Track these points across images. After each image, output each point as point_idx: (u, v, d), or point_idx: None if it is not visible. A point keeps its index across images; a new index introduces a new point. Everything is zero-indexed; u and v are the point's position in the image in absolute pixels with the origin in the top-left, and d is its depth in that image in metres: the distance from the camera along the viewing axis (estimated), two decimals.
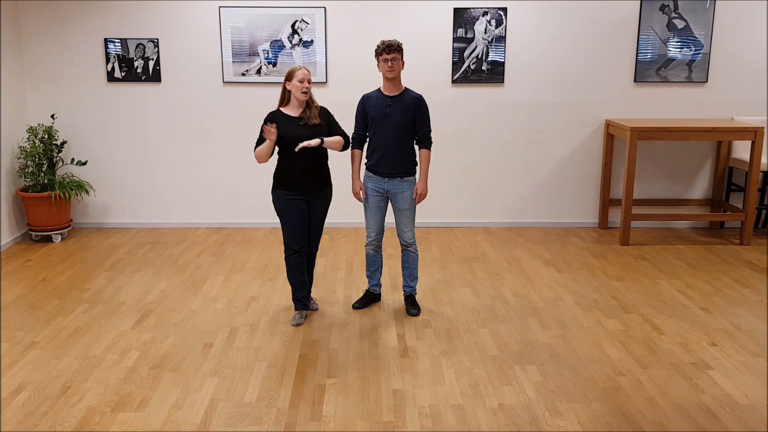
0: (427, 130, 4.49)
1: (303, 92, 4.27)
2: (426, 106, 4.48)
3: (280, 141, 4.29)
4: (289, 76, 4.28)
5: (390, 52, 4.30)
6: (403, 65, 4.40)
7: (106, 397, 3.55)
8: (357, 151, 4.56)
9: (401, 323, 4.49)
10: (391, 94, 4.43)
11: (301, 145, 4.22)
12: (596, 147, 6.64)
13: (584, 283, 5.22)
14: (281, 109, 4.37)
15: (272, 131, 4.18)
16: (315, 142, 4.24)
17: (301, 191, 4.36)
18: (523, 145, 6.63)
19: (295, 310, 4.56)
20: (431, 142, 4.52)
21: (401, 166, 4.47)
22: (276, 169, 4.40)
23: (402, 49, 4.36)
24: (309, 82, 4.28)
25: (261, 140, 4.32)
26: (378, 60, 4.37)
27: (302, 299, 4.53)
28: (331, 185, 4.54)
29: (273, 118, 4.32)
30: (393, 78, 4.39)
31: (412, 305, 4.68)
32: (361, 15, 6.35)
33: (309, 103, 4.37)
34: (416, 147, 4.55)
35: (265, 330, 4.38)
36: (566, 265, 5.65)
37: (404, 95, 4.44)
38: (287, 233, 4.39)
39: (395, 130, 4.42)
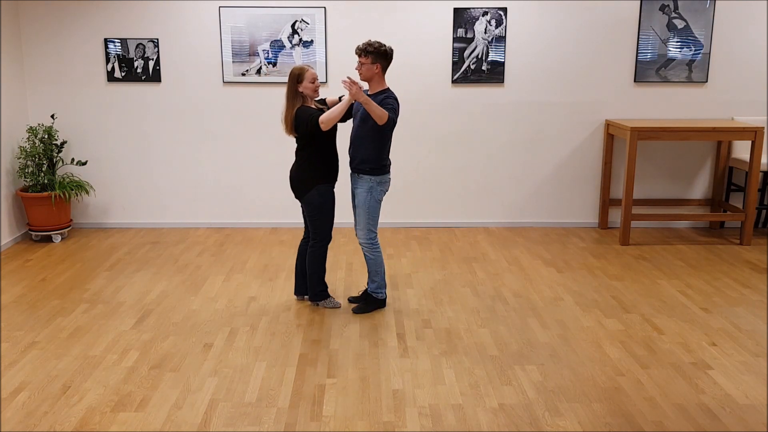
0: (387, 106, 4.31)
1: (316, 90, 4.42)
2: (389, 100, 4.32)
3: (316, 132, 4.36)
4: (300, 79, 4.35)
5: (360, 55, 4.35)
6: (378, 68, 4.34)
7: (106, 397, 3.55)
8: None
9: (401, 323, 4.49)
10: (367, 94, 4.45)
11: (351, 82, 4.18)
12: (596, 147, 6.64)
13: (584, 283, 5.22)
14: (304, 106, 4.44)
15: (360, 87, 4.16)
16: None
17: (335, 181, 4.59)
18: (523, 145, 6.63)
19: (326, 298, 4.73)
20: (389, 112, 4.26)
21: (359, 162, 4.45)
22: (312, 164, 4.46)
23: (372, 53, 4.29)
24: (317, 78, 4.42)
25: (310, 109, 4.34)
26: None
27: (326, 288, 4.77)
28: None
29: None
30: (364, 80, 4.42)
31: (357, 299, 4.80)
32: (361, 15, 6.35)
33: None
34: (381, 148, 4.43)
35: (265, 330, 4.38)
36: (566, 265, 5.65)
37: (376, 96, 4.38)
38: (328, 226, 4.58)
39: (358, 126, 4.44)
